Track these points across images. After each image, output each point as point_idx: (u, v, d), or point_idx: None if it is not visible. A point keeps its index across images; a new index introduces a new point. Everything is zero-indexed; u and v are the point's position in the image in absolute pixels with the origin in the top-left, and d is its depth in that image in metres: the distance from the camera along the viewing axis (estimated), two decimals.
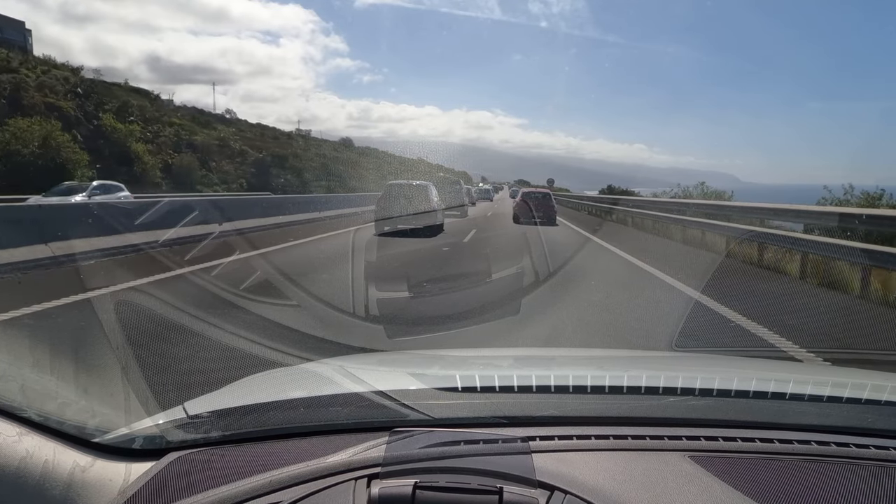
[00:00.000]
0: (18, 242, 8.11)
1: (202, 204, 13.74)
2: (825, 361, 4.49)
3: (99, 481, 1.05)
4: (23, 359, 1.96)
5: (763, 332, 5.26)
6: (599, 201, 29.91)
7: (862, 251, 7.33)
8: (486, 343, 4.71)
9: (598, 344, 4.89)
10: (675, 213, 16.29)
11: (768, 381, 1.40)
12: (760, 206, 12.36)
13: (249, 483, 1.02)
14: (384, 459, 1.06)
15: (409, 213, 14.71)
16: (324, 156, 53.35)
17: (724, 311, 6.09)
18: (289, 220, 17.48)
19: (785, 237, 9.41)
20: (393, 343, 4.57)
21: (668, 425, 1.23)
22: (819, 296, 7.62)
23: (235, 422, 1.24)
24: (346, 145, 65.86)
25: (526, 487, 1.00)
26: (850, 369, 1.99)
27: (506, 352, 2.97)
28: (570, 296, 6.87)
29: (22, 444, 0.99)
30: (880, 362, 4.55)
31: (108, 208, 11.64)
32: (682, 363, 2.16)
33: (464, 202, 24.34)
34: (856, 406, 1.35)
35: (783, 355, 4.61)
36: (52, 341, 4.41)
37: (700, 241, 12.99)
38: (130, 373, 3.32)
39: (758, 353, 4.71)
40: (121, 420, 1.24)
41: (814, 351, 4.66)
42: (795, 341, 4.92)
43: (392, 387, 1.33)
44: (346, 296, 6.49)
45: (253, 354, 3.72)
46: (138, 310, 5.35)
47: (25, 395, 1.14)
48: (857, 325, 6.12)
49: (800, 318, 6.25)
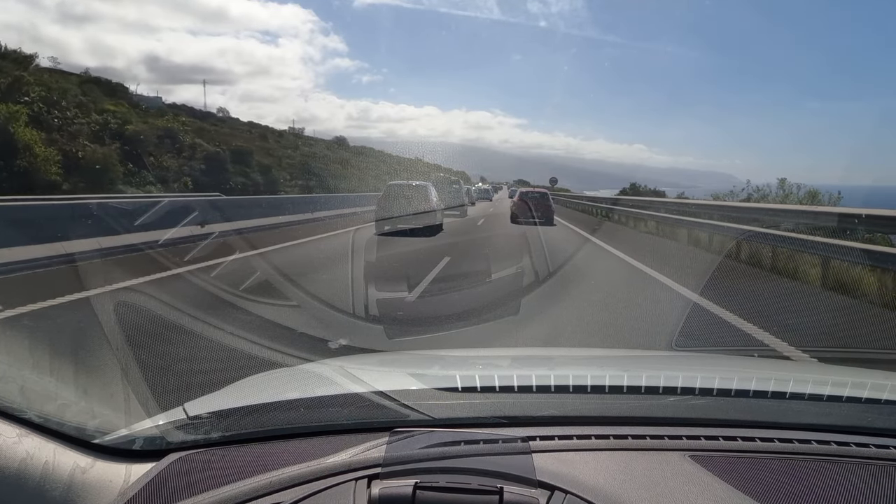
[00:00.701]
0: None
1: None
2: (825, 361, 4.49)
3: (99, 482, 1.05)
4: (23, 360, 1.96)
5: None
6: (601, 201, 29.67)
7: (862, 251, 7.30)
8: (487, 343, 4.71)
9: (597, 343, 4.89)
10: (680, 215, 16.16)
11: (768, 381, 1.40)
12: (759, 206, 12.35)
13: (250, 484, 1.02)
14: (384, 460, 1.06)
15: (408, 213, 14.93)
16: (308, 154, 49.52)
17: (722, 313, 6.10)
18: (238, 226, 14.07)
19: (786, 237, 9.34)
20: (392, 343, 4.57)
21: (669, 425, 1.23)
22: (820, 296, 7.62)
23: (236, 422, 1.24)
24: (340, 143, 64.32)
25: (526, 487, 1.00)
26: (850, 368, 2.00)
27: (506, 352, 2.97)
28: (569, 296, 6.88)
29: (22, 445, 0.99)
30: (880, 361, 4.56)
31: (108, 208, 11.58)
32: (682, 363, 2.16)
33: (463, 202, 24.54)
34: (856, 405, 1.35)
35: (782, 355, 4.61)
36: (52, 342, 4.41)
37: (702, 241, 12.97)
38: (130, 374, 3.32)
39: (757, 353, 4.71)
40: (121, 421, 1.24)
41: (813, 350, 4.66)
42: (794, 343, 4.92)
43: (392, 387, 1.33)
44: (346, 296, 6.50)
45: (253, 355, 3.72)
46: (138, 310, 5.35)
47: (25, 397, 1.14)
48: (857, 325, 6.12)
49: (800, 318, 6.27)
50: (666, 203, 19.56)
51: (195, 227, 11.99)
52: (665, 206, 19.08)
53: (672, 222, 15.63)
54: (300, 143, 54.24)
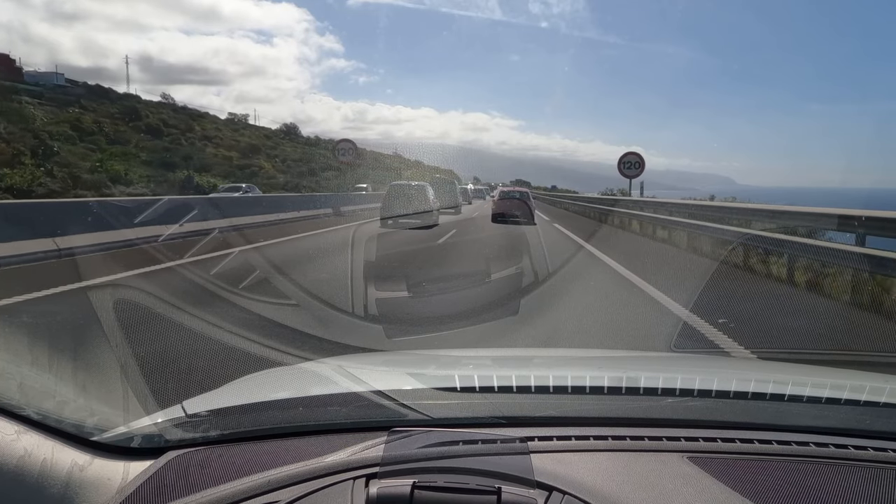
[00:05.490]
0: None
1: None
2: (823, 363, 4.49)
3: (97, 480, 1.05)
4: (21, 356, 1.95)
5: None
6: (600, 202, 29.53)
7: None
8: (486, 342, 4.71)
9: (595, 343, 4.89)
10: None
11: (767, 383, 1.40)
12: (758, 207, 12.24)
13: (247, 482, 1.02)
14: (382, 459, 1.06)
15: (409, 212, 16.72)
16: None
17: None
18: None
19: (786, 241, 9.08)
20: (391, 343, 4.57)
21: (667, 426, 1.23)
22: (819, 303, 7.58)
23: (234, 421, 1.24)
24: (291, 130, 62.71)
25: (524, 488, 1.00)
26: (848, 371, 1.99)
27: (504, 352, 2.96)
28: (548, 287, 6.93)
29: (20, 442, 0.99)
30: (878, 364, 4.55)
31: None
32: (681, 364, 2.16)
33: (458, 202, 26.32)
34: (854, 408, 1.35)
35: (781, 355, 4.61)
36: (51, 338, 4.41)
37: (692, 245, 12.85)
38: (129, 371, 3.31)
39: (768, 354, 4.70)
40: (119, 419, 1.24)
41: (813, 352, 4.66)
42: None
43: (390, 386, 1.33)
44: (346, 295, 6.50)
45: (252, 353, 3.72)
46: (137, 307, 5.34)
47: (24, 393, 1.14)
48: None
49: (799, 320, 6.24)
50: (664, 204, 19.50)
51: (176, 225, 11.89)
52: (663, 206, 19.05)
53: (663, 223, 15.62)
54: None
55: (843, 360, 4.64)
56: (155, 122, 49.18)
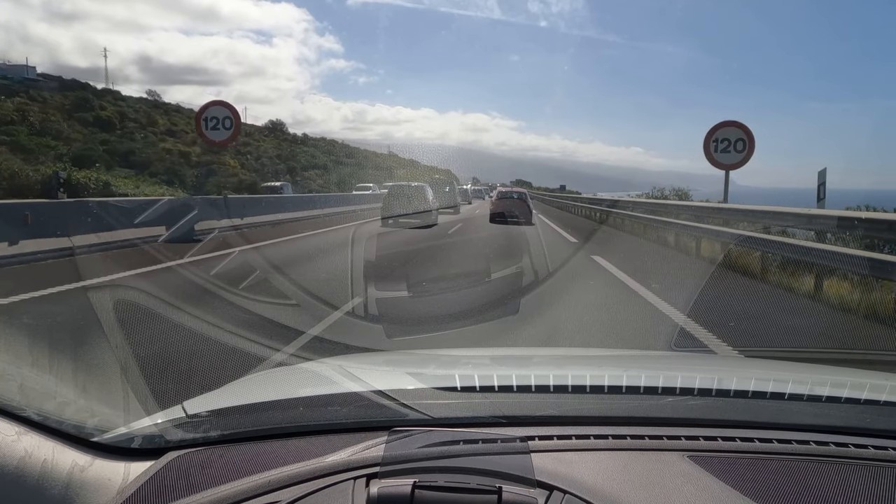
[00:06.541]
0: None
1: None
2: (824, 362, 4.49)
3: (98, 481, 1.05)
4: (22, 357, 1.95)
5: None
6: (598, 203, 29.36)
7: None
8: (484, 341, 4.71)
9: (595, 343, 4.90)
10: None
11: (767, 381, 1.40)
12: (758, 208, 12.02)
13: (248, 482, 1.02)
14: (383, 459, 1.06)
15: (409, 212, 17.13)
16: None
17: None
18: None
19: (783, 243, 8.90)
20: (391, 342, 4.57)
21: (667, 425, 1.23)
22: (820, 310, 7.52)
23: (234, 421, 1.24)
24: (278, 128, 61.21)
25: (525, 487, 1.00)
26: (849, 369, 2.00)
27: (504, 351, 2.96)
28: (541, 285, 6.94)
29: (21, 443, 0.99)
30: (879, 362, 4.56)
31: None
32: (681, 363, 2.16)
33: (457, 202, 26.90)
34: (854, 406, 1.35)
35: (780, 354, 4.62)
36: (51, 339, 4.41)
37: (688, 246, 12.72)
38: (129, 371, 3.31)
39: (757, 353, 4.71)
40: (120, 419, 1.24)
41: (812, 351, 4.66)
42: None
43: (391, 386, 1.33)
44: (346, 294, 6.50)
45: (252, 353, 3.72)
46: (137, 307, 5.34)
47: (24, 394, 1.14)
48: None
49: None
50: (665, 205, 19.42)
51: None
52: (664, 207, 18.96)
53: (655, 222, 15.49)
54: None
55: (843, 359, 4.64)
56: (109, 115, 46.90)
